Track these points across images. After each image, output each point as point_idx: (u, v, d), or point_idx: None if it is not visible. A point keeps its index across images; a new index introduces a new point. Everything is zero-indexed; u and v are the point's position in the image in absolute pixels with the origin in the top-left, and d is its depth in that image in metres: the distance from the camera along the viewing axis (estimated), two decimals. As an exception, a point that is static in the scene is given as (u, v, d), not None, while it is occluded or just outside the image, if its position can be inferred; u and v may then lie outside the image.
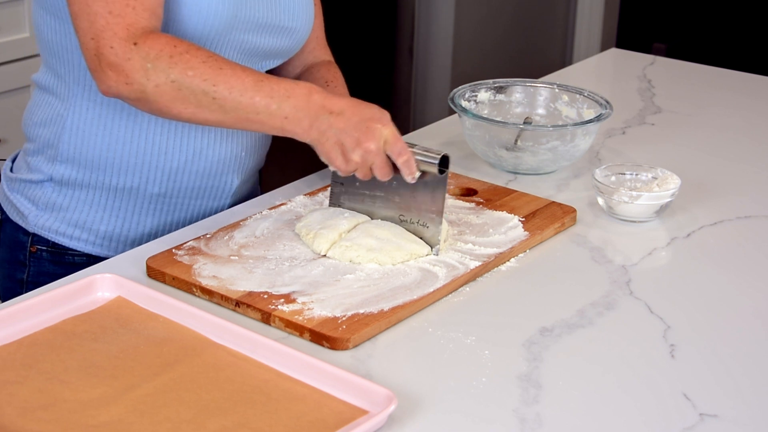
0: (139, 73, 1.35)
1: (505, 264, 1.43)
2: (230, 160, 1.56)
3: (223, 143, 1.54)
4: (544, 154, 1.69)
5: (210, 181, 1.55)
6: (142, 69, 1.35)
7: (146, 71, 1.35)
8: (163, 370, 1.15)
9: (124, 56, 1.35)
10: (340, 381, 1.13)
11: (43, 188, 1.54)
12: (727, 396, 1.17)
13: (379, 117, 1.38)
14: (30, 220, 1.55)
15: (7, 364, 1.16)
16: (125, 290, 1.29)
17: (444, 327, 1.28)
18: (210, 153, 1.53)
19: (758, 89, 2.19)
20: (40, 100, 1.55)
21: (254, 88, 1.36)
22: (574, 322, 1.30)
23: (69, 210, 1.53)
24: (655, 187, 1.58)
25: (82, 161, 1.51)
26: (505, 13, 4.16)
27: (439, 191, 1.42)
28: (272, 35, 1.53)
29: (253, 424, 1.07)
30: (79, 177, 1.52)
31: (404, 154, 1.39)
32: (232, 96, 1.36)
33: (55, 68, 1.51)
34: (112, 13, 1.35)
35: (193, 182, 1.54)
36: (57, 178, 1.53)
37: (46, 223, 1.54)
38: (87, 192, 1.53)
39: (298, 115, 1.37)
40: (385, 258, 1.37)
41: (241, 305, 1.29)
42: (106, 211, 1.53)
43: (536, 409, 1.13)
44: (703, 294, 1.39)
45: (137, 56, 1.35)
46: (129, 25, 1.35)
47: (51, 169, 1.53)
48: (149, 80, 1.35)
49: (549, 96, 1.83)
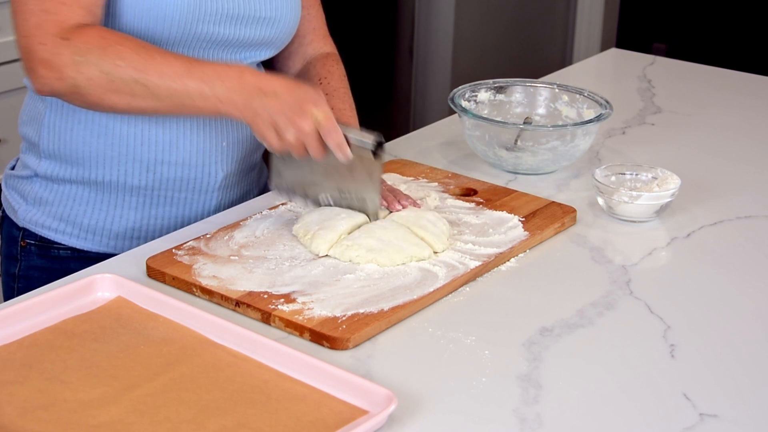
0: (70, 68, 1.36)
1: (505, 264, 1.43)
2: (210, 151, 1.54)
3: (199, 133, 1.53)
4: (544, 154, 1.69)
5: (191, 172, 1.54)
6: (73, 63, 1.36)
7: (77, 65, 1.36)
8: (163, 370, 1.15)
9: (54, 52, 1.36)
10: (340, 381, 1.13)
11: (32, 183, 1.56)
12: (727, 396, 1.17)
13: (313, 98, 1.39)
14: (20, 214, 1.57)
15: (7, 364, 1.16)
16: (125, 290, 1.29)
17: (444, 327, 1.28)
18: (186, 143, 1.52)
19: (758, 89, 2.19)
20: (27, 100, 1.57)
21: (186, 73, 1.37)
22: (574, 322, 1.30)
23: (54, 204, 1.55)
24: (655, 187, 1.58)
25: (61, 156, 1.52)
26: (505, 13, 4.17)
27: (375, 170, 1.43)
28: (249, 26, 1.52)
29: (253, 424, 1.07)
30: (61, 172, 1.53)
31: (335, 136, 1.39)
32: (164, 83, 1.37)
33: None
34: (46, 11, 1.36)
35: (173, 173, 1.53)
36: (42, 174, 1.54)
37: (34, 218, 1.56)
38: (70, 186, 1.54)
39: (231, 96, 1.38)
40: (385, 259, 1.37)
41: (241, 305, 1.29)
42: (89, 205, 1.54)
43: (536, 409, 1.13)
44: (703, 294, 1.39)
45: (67, 51, 1.36)
46: (61, 21, 1.36)
47: (37, 165, 1.55)
48: (80, 73, 1.36)
49: (549, 96, 1.83)
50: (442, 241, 1.42)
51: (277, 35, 1.57)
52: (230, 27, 1.50)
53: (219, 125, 1.55)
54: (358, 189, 1.46)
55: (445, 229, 1.45)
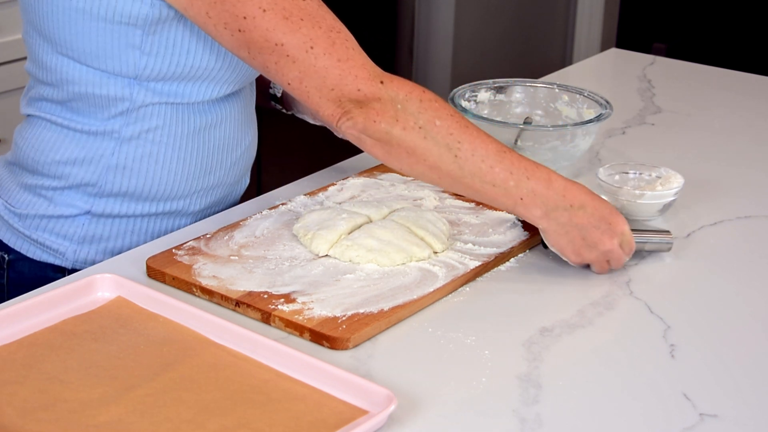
0: (389, 113, 1.29)
1: (505, 264, 1.43)
2: (248, 162, 1.57)
3: (240, 148, 1.54)
4: (544, 154, 1.69)
5: (233, 187, 1.56)
6: (393, 109, 1.29)
7: (396, 112, 1.29)
8: (163, 370, 1.15)
9: (373, 95, 1.28)
10: (340, 381, 1.13)
11: (77, 222, 1.47)
12: (727, 396, 1.17)
13: (617, 214, 1.37)
14: (68, 256, 1.48)
15: (7, 364, 1.16)
16: (125, 290, 1.29)
17: (444, 327, 1.28)
18: (242, 161, 1.54)
19: (758, 89, 2.19)
20: (56, 135, 1.46)
21: (496, 157, 1.31)
22: (574, 322, 1.30)
23: (110, 239, 1.48)
24: (659, 186, 1.58)
25: (128, 194, 1.46)
26: (505, 13, 4.16)
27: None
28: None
29: (253, 424, 1.07)
30: (122, 209, 1.47)
31: (631, 249, 1.39)
32: (474, 159, 1.30)
33: (69, 103, 1.44)
34: (342, 60, 1.29)
35: (223, 193, 1.55)
36: (97, 212, 1.47)
37: (88, 256, 1.48)
38: (128, 220, 1.48)
39: (535, 200, 1.32)
40: (384, 259, 1.37)
41: (241, 305, 1.29)
42: (148, 236, 1.50)
43: (536, 409, 1.13)
44: (703, 294, 1.39)
45: (386, 95, 1.29)
46: (363, 65, 1.30)
47: (89, 204, 1.46)
48: (398, 121, 1.29)
49: (549, 96, 1.83)
50: (441, 241, 1.42)
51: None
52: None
53: (254, 137, 1.55)
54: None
55: (445, 229, 1.45)
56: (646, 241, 1.44)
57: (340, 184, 1.61)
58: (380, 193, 1.58)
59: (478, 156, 1.31)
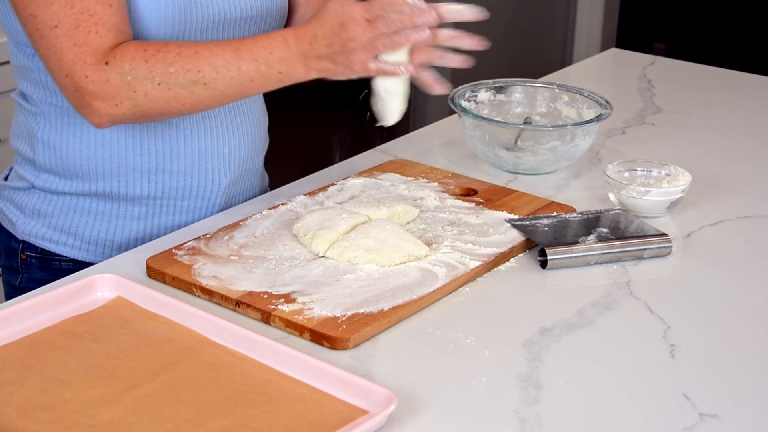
0: (123, 91, 1.34)
1: (505, 264, 1.43)
2: (212, 158, 1.53)
3: (199, 140, 1.51)
4: (544, 154, 1.69)
5: (193, 180, 1.52)
6: (124, 85, 1.34)
7: (129, 85, 1.34)
8: (163, 370, 1.15)
9: (101, 81, 1.34)
10: (340, 381, 1.13)
11: (30, 195, 1.54)
12: (728, 396, 1.17)
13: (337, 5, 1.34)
14: (18, 227, 1.54)
15: (7, 364, 1.16)
16: (125, 290, 1.29)
17: (444, 327, 1.28)
18: (187, 150, 1.50)
19: (758, 89, 2.19)
20: (18, 116, 1.55)
21: (237, 59, 1.36)
22: (574, 322, 1.30)
23: (54, 216, 1.52)
24: (665, 183, 1.59)
25: (59, 170, 1.50)
26: (505, 13, 4.16)
27: None
28: (238, 27, 1.49)
29: (253, 424, 1.07)
30: (60, 184, 1.51)
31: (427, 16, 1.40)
32: (221, 75, 1.36)
33: (22, 86, 1.51)
34: (78, 44, 1.34)
35: (174, 182, 1.51)
36: (40, 186, 1.52)
37: (34, 230, 1.53)
38: (70, 198, 1.51)
39: (288, 64, 1.36)
40: (383, 259, 1.37)
41: (241, 305, 1.29)
42: (90, 216, 1.52)
43: (536, 409, 1.13)
44: (703, 294, 1.39)
45: (114, 75, 1.34)
46: (95, 49, 1.34)
47: (34, 178, 1.52)
48: (136, 92, 1.34)
49: (549, 96, 1.83)
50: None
51: (270, 26, 1.54)
52: (219, 32, 1.47)
53: (219, 131, 1.53)
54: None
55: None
56: (645, 248, 1.44)
57: (340, 184, 1.61)
58: (380, 193, 1.58)
59: (222, 69, 1.35)
